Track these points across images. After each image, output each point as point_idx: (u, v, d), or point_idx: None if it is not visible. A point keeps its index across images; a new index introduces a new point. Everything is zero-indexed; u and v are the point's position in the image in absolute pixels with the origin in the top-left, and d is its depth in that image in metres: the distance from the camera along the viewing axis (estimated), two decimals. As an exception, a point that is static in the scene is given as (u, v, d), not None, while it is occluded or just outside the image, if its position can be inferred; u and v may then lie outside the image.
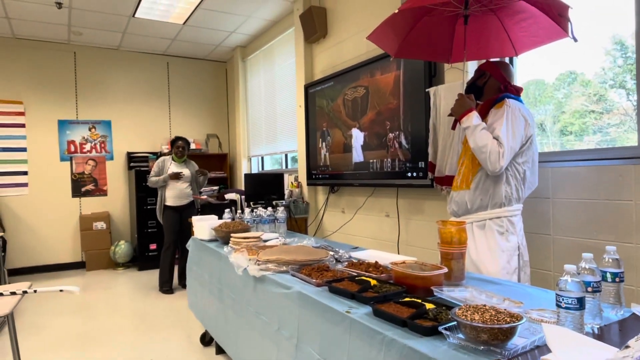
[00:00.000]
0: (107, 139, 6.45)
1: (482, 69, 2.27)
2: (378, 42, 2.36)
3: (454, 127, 2.35)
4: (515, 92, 2.19)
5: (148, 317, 4.00)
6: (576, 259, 2.36)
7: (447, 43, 2.41)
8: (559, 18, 1.92)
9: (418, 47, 2.41)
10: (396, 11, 2.10)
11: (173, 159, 4.83)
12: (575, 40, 1.91)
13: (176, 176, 4.66)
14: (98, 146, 6.39)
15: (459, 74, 2.93)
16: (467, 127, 2.10)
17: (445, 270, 1.55)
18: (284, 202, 4.72)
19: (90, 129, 6.35)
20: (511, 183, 2.07)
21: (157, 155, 6.53)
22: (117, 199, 6.50)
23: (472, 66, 2.87)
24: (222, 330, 2.50)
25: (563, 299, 1.14)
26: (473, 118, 2.09)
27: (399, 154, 3.51)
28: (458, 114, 2.16)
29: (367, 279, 1.61)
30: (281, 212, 3.11)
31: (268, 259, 1.96)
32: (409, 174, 3.41)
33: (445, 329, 1.17)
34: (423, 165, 3.28)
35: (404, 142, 3.47)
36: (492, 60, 2.30)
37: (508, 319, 1.11)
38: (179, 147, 4.80)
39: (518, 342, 1.11)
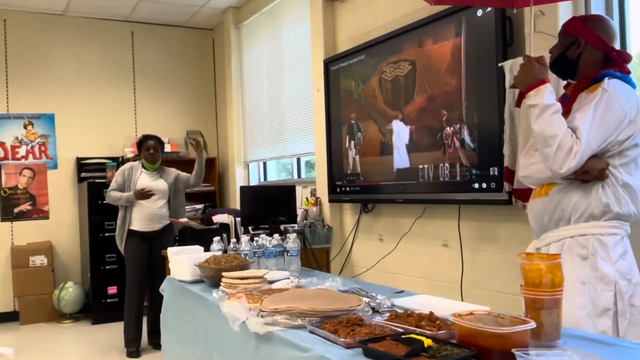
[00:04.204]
0: (49, 139, 6.60)
1: (572, 33, 2.25)
2: None
3: (518, 104, 2.35)
4: (622, 64, 2.19)
5: (106, 390, 4.04)
6: None
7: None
8: None
9: None
10: None
11: (144, 167, 4.89)
12: None
13: (144, 196, 4.69)
14: (37, 150, 6.54)
15: (548, 41, 2.91)
16: (534, 106, 2.11)
17: (533, 324, 1.53)
18: (296, 227, 4.73)
19: (25, 126, 6.51)
20: (608, 191, 2.08)
21: (119, 161, 6.64)
22: (62, 223, 6.62)
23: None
24: (211, 411, 2.50)
25: None
26: (545, 94, 2.10)
27: (462, 157, 3.49)
28: (524, 85, 2.17)
29: (419, 337, 1.60)
30: (293, 241, 3.11)
31: (276, 309, 1.96)
32: (476, 185, 3.39)
33: (535, 411, 1.15)
34: (496, 173, 3.26)
35: (467, 139, 3.45)
36: (581, 16, 2.27)
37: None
38: (149, 150, 4.84)
39: None
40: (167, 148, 6.82)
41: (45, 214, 6.56)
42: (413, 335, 1.63)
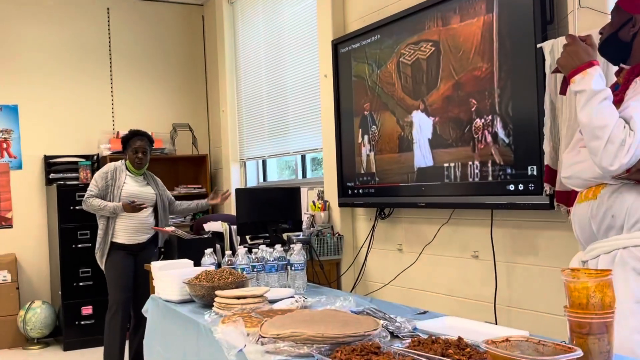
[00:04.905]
0: (12, 135, 6.62)
1: (626, 10, 2.25)
2: None
3: (562, 91, 2.34)
4: None
5: None
6: None
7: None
8: None
9: None
10: None
11: (128, 169, 4.89)
12: None
13: (135, 209, 4.68)
14: (-2, 147, 6.57)
15: (595, 18, 2.90)
16: (581, 92, 2.11)
17: (579, 353, 1.52)
18: (301, 236, 4.73)
19: (-15, 120, 6.54)
20: None
21: (93, 160, 6.65)
22: (28, 232, 6.65)
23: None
24: None
25: None
26: (592, 78, 2.09)
27: (494, 154, 3.49)
28: (568, 69, 2.17)
29: (446, 368, 1.60)
30: (297, 253, 3.12)
31: (278, 335, 1.97)
32: (512, 187, 3.38)
33: None
34: (535, 172, 3.25)
35: (501, 133, 3.44)
36: None
37: None
38: (137, 152, 4.81)
39: None
40: (151, 144, 6.84)
41: (8, 222, 6.59)
42: (439, 366, 1.63)
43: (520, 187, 3.34)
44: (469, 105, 3.65)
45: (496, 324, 3.45)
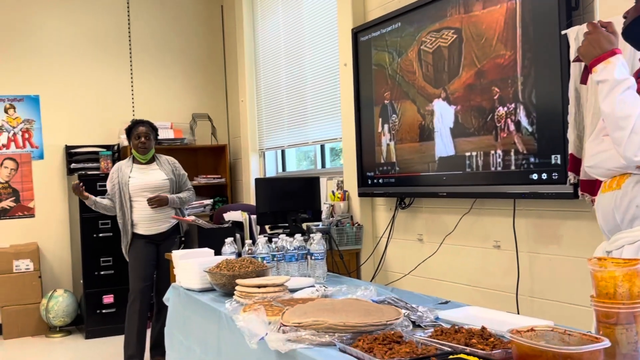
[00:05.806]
0: (34, 125, 6.68)
1: None
2: None
3: (583, 81, 2.32)
4: None
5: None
6: None
7: None
8: None
9: None
10: None
11: (135, 159, 4.93)
12: None
13: (77, 189, 4.69)
14: (19, 137, 6.62)
15: (621, 4, 2.86)
16: (603, 81, 2.08)
17: (607, 343, 1.51)
18: (321, 226, 4.73)
19: (6, 110, 6.60)
20: None
21: (113, 150, 6.70)
22: (50, 222, 6.72)
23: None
24: None
25: None
26: (615, 67, 2.06)
27: (517, 143, 3.46)
28: (590, 57, 2.13)
29: (470, 357, 1.59)
30: (317, 243, 3.12)
31: (300, 323, 1.97)
32: (535, 176, 3.36)
33: None
34: (559, 161, 3.23)
35: (524, 121, 3.42)
36: None
37: None
38: (139, 137, 4.88)
39: None
40: (170, 134, 6.88)
41: (31, 212, 6.66)
42: (463, 356, 1.62)
43: (544, 176, 3.32)
44: (491, 93, 3.62)
45: (518, 313, 3.44)
